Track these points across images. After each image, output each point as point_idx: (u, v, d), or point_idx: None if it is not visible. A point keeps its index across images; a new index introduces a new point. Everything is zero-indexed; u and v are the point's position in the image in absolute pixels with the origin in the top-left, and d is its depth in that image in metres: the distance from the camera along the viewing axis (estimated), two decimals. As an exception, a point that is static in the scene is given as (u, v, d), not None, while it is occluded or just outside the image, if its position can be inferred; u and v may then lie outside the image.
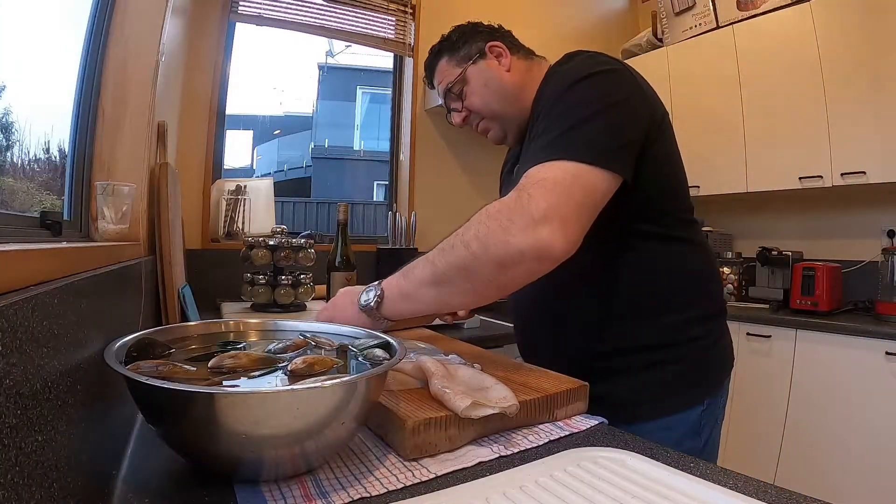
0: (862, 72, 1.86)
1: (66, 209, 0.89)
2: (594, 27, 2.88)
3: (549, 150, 0.65)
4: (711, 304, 0.82)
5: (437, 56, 0.91)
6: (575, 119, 0.67)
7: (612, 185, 0.66)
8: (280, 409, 0.39)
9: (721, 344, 0.83)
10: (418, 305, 0.69)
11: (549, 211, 0.60)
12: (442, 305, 0.69)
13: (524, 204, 0.61)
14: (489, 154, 2.49)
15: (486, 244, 0.62)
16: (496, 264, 0.62)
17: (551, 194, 0.61)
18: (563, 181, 0.62)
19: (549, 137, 0.67)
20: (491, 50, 0.87)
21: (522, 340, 0.93)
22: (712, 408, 0.78)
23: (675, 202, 0.79)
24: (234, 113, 3.49)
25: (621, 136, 0.68)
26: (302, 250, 1.44)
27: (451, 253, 0.65)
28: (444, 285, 0.66)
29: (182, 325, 0.63)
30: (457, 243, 0.65)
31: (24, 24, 0.75)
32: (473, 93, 0.87)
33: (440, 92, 0.92)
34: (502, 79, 0.86)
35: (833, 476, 1.72)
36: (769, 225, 2.46)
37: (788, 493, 0.43)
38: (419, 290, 0.68)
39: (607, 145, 0.65)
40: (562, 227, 0.60)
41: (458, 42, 0.89)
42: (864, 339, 1.68)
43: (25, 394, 0.26)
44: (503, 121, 0.88)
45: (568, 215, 0.61)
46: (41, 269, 0.36)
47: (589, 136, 0.65)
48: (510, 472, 0.46)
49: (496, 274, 0.63)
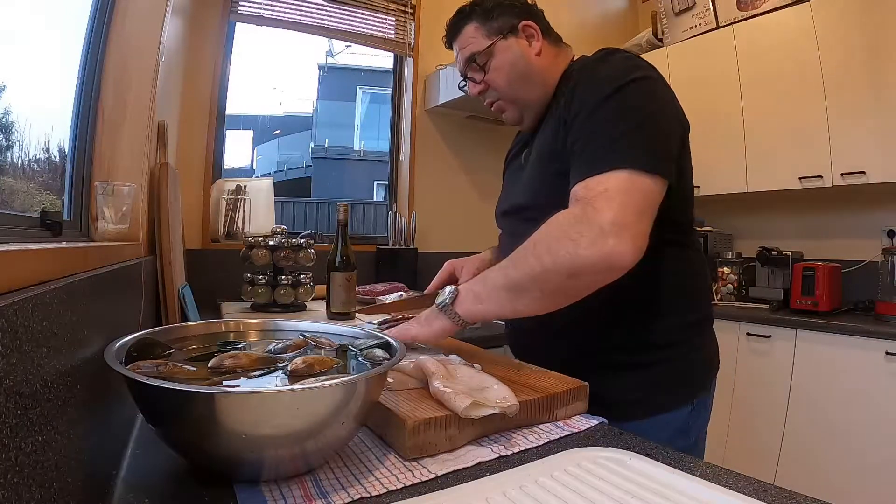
0: (862, 71, 1.86)
1: (66, 209, 0.89)
2: (594, 27, 2.88)
3: (605, 160, 0.66)
4: (701, 309, 0.84)
5: (465, 18, 0.87)
6: (625, 126, 0.68)
7: (663, 189, 0.68)
8: (280, 409, 0.39)
9: (708, 347, 0.85)
10: (490, 307, 0.72)
11: (616, 221, 0.62)
12: (513, 311, 0.71)
13: (591, 216, 0.63)
14: (489, 154, 2.50)
15: (557, 256, 0.64)
16: (567, 275, 0.64)
17: (615, 204, 0.63)
18: (624, 190, 0.64)
19: (598, 144, 0.68)
20: (524, 29, 0.84)
21: (514, 342, 0.94)
22: (700, 407, 0.80)
23: (685, 208, 0.80)
24: (234, 113, 3.49)
25: (667, 142, 0.70)
26: (302, 250, 1.44)
27: (524, 263, 0.68)
28: (516, 292, 0.69)
29: (182, 325, 0.63)
30: (529, 255, 0.67)
31: (25, 24, 0.75)
32: (498, 70, 0.85)
33: (461, 58, 0.88)
34: (530, 61, 0.84)
35: (833, 476, 1.72)
36: (769, 225, 2.46)
37: (788, 493, 0.43)
38: (492, 294, 0.71)
39: (657, 151, 0.67)
40: (630, 236, 0.62)
41: (492, 11, 0.85)
42: (864, 339, 1.68)
43: (25, 394, 0.26)
44: (523, 104, 0.86)
45: (633, 224, 0.63)
46: (41, 269, 0.36)
47: (641, 144, 0.67)
48: (510, 472, 0.46)
49: (567, 284, 0.66)
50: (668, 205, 0.72)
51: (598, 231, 0.62)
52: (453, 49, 0.91)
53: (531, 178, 0.83)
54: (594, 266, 0.63)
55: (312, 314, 1.42)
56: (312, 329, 0.65)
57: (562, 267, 0.64)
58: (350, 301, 1.33)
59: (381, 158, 2.93)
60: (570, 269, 0.64)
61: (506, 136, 2.45)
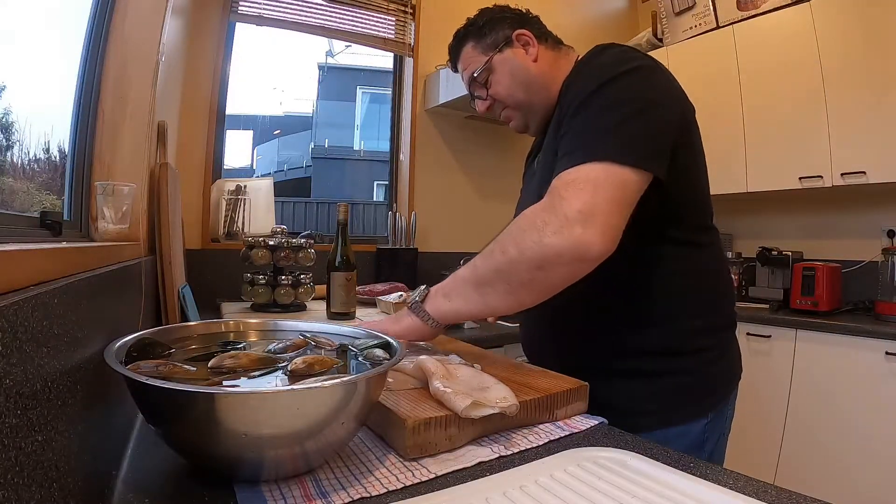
0: (862, 71, 1.86)
1: (66, 209, 0.89)
2: (594, 27, 2.88)
3: (580, 153, 0.65)
4: (722, 313, 0.80)
5: (462, 41, 0.89)
6: (609, 119, 0.66)
7: (643, 182, 0.65)
8: (280, 409, 0.39)
9: (728, 357, 0.81)
10: (458, 304, 0.71)
11: (583, 210, 0.60)
12: (483, 307, 0.70)
13: (556, 205, 0.62)
14: (489, 154, 2.50)
15: (522, 248, 0.63)
16: (533, 267, 0.63)
17: (584, 193, 0.61)
18: (594, 180, 0.62)
19: (579, 139, 0.67)
20: (518, 38, 0.85)
21: (527, 340, 0.92)
22: (717, 421, 0.77)
23: (695, 207, 0.77)
24: (234, 113, 3.49)
25: (653, 135, 0.67)
26: (302, 250, 1.44)
27: (490, 257, 0.67)
28: (484, 287, 0.68)
29: (182, 325, 0.63)
30: (495, 248, 0.66)
31: (25, 24, 0.75)
32: (499, 82, 0.86)
33: (465, 79, 0.90)
34: (528, 69, 0.84)
35: (833, 476, 1.72)
36: (769, 225, 2.46)
37: (788, 493, 0.43)
38: (459, 289, 0.71)
39: (639, 145, 0.65)
40: (598, 224, 0.60)
41: (484, 28, 0.87)
42: (864, 339, 1.68)
43: (25, 394, 0.26)
44: (527, 111, 0.87)
45: (603, 214, 0.61)
46: (41, 269, 0.36)
47: (621, 136, 0.65)
48: (510, 472, 0.46)
49: (534, 276, 0.64)
50: (667, 200, 0.70)
51: (563, 219, 0.61)
52: (460, 75, 0.93)
53: (539, 182, 0.82)
54: (560, 256, 0.61)
55: (312, 314, 1.42)
56: (312, 329, 0.65)
57: (527, 258, 0.63)
58: (350, 301, 1.33)
59: (381, 158, 2.93)
60: (536, 260, 0.62)
61: (506, 136, 2.46)
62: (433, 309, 0.72)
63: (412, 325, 0.74)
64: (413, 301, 0.73)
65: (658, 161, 0.66)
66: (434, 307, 0.72)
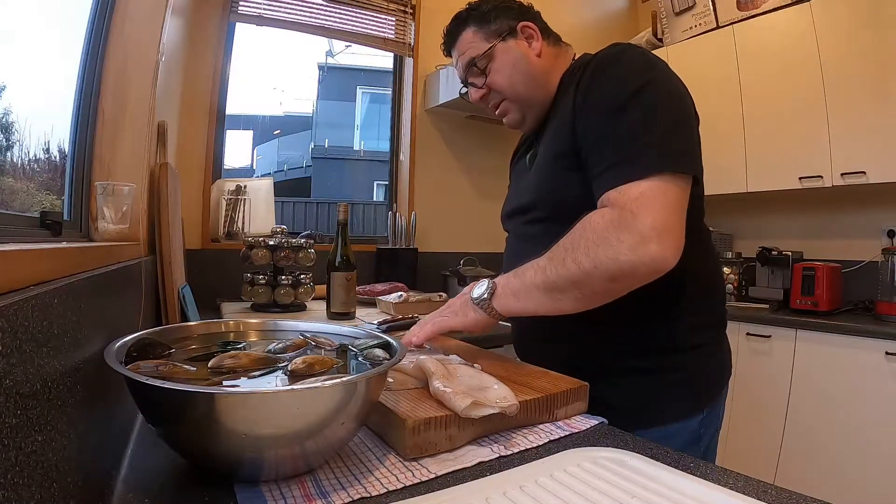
0: (862, 72, 1.86)
1: (66, 209, 0.89)
2: (594, 27, 2.88)
3: (639, 165, 0.66)
4: (715, 311, 0.82)
5: (462, 24, 0.87)
6: (654, 128, 0.68)
7: (689, 187, 0.68)
8: (280, 409, 0.39)
9: (721, 353, 0.83)
10: (527, 305, 0.72)
11: (656, 226, 0.63)
12: (550, 309, 0.71)
13: (629, 222, 0.63)
14: (489, 154, 2.50)
15: (597, 262, 0.65)
16: (608, 279, 0.65)
17: (653, 208, 0.63)
18: (661, 194, 0.64)
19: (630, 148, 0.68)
20: (523, 30, 0.84)
21: (518, 343, 0.92)
22: (712, 417, 0.78)
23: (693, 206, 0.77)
24: (234, 113, 3.49)
25: (691, 138, 0.71)
26: (302, 250, 1.45)
27: (562, 266, 0.68)
28: (555, 293, 0.69)
29: (182, 325, 0.63)
30: (567, 259, 0.67)
31: (25, 24, 0.75)
32: (499, 72, 0.84)
33: (461, 64, 0.88)
34: (531, 62, 0.83)
35: (833, 476, 1.72)
36: (769, 225, 2.46)
37: (788, 493, 0.43)
38: (530, 292, 0.72)
39: (685, 150, 0.68)
40: (670, 239, 0.63)
41: (489, 14, 0.85)
42: (864, 339, 1.68)
43: (25, 394, 0.26)
44: (525, 105, 0.86)
45: (671, 227, 0.64)
46: (41, 269, 0.36)
47: (672, 146, 0.67)
48: (510, 472, 0.46)
49: (608, 287, 0.67)
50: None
51: (638, 237, 0.62)
52: (452, 56, 0.91)
53: (538, 179, 0.82)
54: (636, 271, 0.63)
55: (312, 314, 1.42)
56: (312, 329, 0.65)
57: (602, 271, 0.64)
58: (350, 301, 1.33)
59: (381, 158, 2.93)
60: (612, 274, 0.64)
61: (506, 136, 2.46)
62: (501, 306, 0.74)
63: (479, 319, 0.76)
64: (481, 298, 0.75)
65: (696, 161, 0.70)
66: (502, 305, 0.74)
